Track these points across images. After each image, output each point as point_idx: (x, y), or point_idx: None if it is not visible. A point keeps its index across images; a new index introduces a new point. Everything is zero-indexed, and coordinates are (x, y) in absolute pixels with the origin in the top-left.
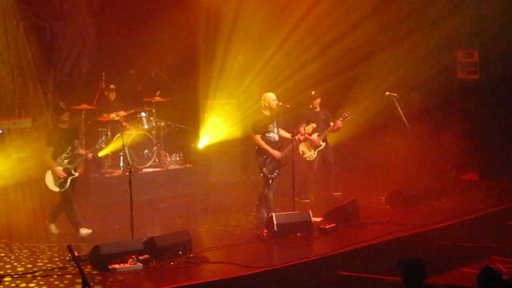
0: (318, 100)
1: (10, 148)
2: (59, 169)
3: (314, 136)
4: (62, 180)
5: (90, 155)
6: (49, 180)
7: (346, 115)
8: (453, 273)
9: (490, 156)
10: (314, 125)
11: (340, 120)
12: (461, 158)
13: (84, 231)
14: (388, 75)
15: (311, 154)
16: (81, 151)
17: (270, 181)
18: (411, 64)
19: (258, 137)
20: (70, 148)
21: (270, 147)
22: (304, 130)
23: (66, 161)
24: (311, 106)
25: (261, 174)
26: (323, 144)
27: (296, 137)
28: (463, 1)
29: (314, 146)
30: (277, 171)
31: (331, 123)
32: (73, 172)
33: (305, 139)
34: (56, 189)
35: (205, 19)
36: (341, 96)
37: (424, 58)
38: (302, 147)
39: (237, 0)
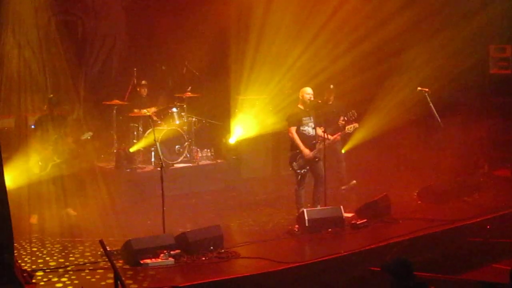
0: (333, 94)
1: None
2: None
3: (350, 128)
4: (43, 163)
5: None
6: (32, 163)
7: (350, 116)
8: (485, 269)
9: None
10: (356, 125)
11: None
12: (493, 154)
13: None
14: (419, 70)
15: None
16: (67, 140)
17: (299, 177)
18: (443, 59)
19: (292, 130)
20: (55, 136)
21: (304, 141)
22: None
23: (50, 147)
24: (324, 98)
25: (290, 169)
26: (331, 138)
27: (329, 136)
28: None
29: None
30: (307, 168)
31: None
32: (55, 159)
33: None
34: (37, 172)
35: (237, 14)
36: (373, 91)
37: (456, 53)
38: None
39: None
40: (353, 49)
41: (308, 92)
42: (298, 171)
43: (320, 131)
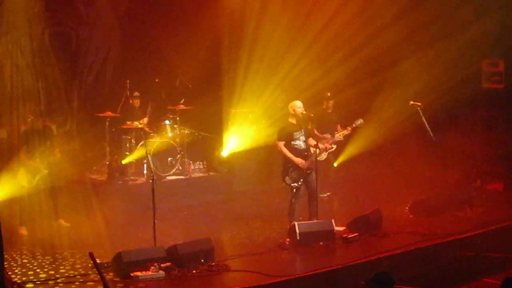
0: (332, 102)
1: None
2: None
3: (327, 136)
4: (30, 176)
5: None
6: (21, 176)
7: (358, 125)
8: (476, 283)
9: None
10: (346, 132)
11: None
12: (486, 168)
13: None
14: (412, 83)
15: (322, 156)
16: (54, 152)
17: (294, 190)
18: (436, 72)
19: (281, 144)
20: (41, 148)
21: (295, 155)
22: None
23: (37, 159)
24: (324, 106)
25: (283, 184)
26: (334, 146)
27: (320, 146)
28: (489, 9)
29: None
30: (301, 180)
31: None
32: (42, 170)
33: (320, 139)
34: (25, 185)
35: (229, 27)
36: (366, 103)
37: (448, 67)
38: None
39: (260, 7)
40: (346, 61)
41: (298, 105)
42: (292, 184)
43: (312, 142)
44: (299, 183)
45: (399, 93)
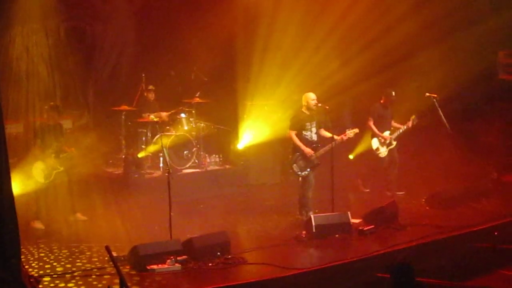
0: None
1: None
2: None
3: (386, 133)
4: (47, 172)
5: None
6: (36, 171)
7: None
8: (492, 275)
9: None
10: (356, 130)
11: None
12: (502, 160)
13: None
14: (428, 75)
15: (383, 151)
16: (66, 148)
17: (301, 179)
18: (452, 64)
19: (292, 133)
20: (56, 144)
21: (305, 145)
22: (345, 133)
23: (53, 155)
24: (382, 101)
25: (290, 171)
26: (395, 143)
27: (336, 138)
28: (505, 0)
29: (387, 143)
30: (308, 170)
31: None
32: (58, 167)
33: (377, 135)
34: (42, 180)
35: (244, 20)
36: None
37: (465, 59)
38: (376, 144)
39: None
40: (362, 54)
41: (312, 98)
42: (299, 173)
43: (325, 133)
44: (306, 173)
45: (415, 84)
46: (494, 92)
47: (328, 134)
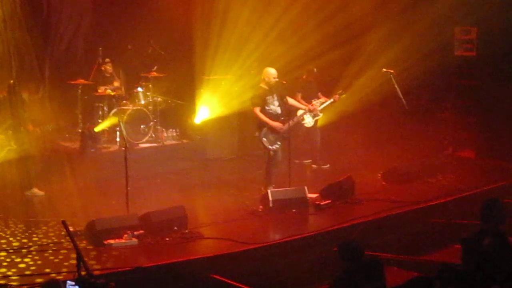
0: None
1: None
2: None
3: (316, 103)
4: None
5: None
6: None
7: (338, 95)
8: (448, 250)
9: (486, 133)
10: (322, 99)
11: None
12: (458, 136)
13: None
14: (384, 51)
15: (308, 121)
16: (26, 126)
17: (272, 152)
18: (408, 40)
19: (257, 110)
20: (12, 121)
21: (272, 120)
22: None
23: (9, 131)
24: (304, 77)
25: (262, 146)
26: (321, 114)
27: (310, 107)
28: None
29: (314, 114)
30: (278, 144)
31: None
32: (12, 144)
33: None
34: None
35: None
36: (338, 71)
37: (421, 35)
38: (302, 113)
39: None
40: (319, 30)
41: (274, 74)
42: (270, 147)
43: (294, 102)
44: (277, 146)
45: (371, 61)
46: (450, 68)
47: (300, 105)
